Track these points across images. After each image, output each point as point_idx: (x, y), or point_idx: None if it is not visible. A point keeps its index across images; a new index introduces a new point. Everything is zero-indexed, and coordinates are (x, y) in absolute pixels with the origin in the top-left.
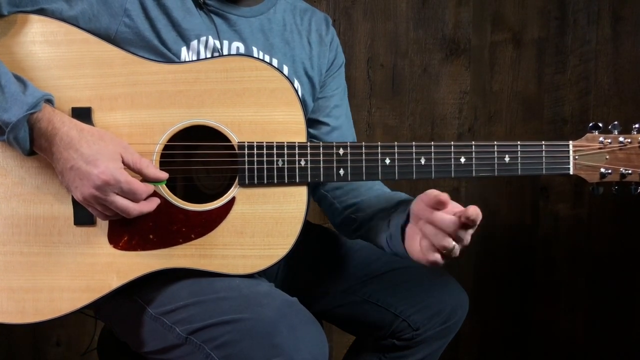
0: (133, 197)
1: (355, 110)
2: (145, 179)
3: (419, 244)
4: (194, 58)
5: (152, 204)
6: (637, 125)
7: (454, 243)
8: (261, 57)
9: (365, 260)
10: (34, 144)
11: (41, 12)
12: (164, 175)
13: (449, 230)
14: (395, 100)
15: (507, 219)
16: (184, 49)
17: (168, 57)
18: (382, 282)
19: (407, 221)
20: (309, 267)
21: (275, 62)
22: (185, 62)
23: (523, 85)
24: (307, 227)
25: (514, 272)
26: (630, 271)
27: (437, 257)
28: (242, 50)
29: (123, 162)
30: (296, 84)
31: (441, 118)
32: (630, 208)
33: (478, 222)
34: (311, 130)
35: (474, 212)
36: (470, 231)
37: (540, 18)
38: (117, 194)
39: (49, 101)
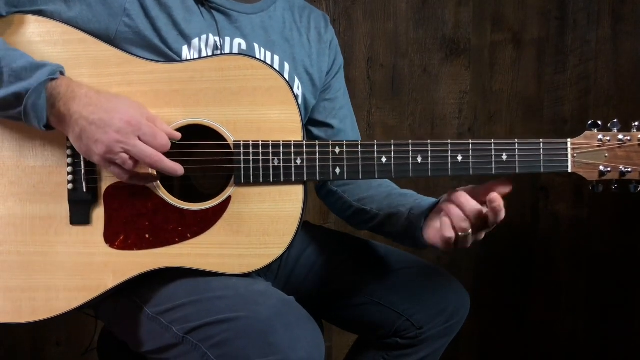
0: (153, 140)
1: (355, 110)
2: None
3: (438, 222)
4: (196, 56)
5: (176, 166)
6: (636, 123)
7: (469, 229)
8: (262, 53)
9: (368, 261)
10: (52, 110)
11: (40, 13)
12: (177, 134)
13: (471, 215)
14: (395, 100)
15: (507, 219)
16: (185, 48)
17: (169, 56)
18: (386, 282)
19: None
20: (311, 268)
21: (276, 59)
22: (181, 61)
23: (523, 85)
24: (308, 229)
25: (514, 272)
26: (630, 271)
27: (452, 235)
28: (243, 46)
29: None
30: (297, 81)
31: (441, 118)
32: (630, 208)
33: (498, 217)
34: (317, 132)
35: (497, 197)
36: (486, 227)
37: (540, 18)
38: (139, 137)
39: (62, 73)
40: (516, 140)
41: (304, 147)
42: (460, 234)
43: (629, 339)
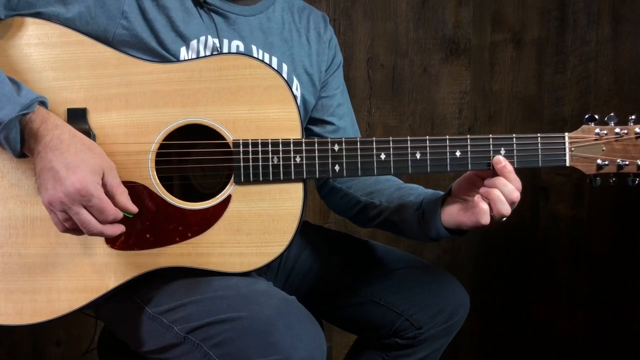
0: (99, 215)
1: (355, 110)
2: (116, 205)
3: (459, 204)
4: (194, 57)
5: (116, 229)
6: (633, 117)
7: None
8: (260, 55)
9: (367, 261)
10: (24, 145)
11: (38, 15)
12: (134, 208)
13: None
14: (395, 100)
15: (507, 219)
16: (183, 49)
17: (167, 58)
18: (385, 281)
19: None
20: (310, 268)
21: (274, 61)
22: (179, 61)
23: (523, 85)
24: (308, 228)
25: (514, 272)
26: (630, 271)
27: (488, 219)
28: (241, 48)
29: (102, 179)
30: (295, 82)
31: (441, 118)
32: (630, 208)
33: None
34: (316, 130)
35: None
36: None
37: (540, 18)
38: (84, 207)
39: (43, 103)
40: (514, 135)
41: (303, 145)
42: (497, 216)
43: (629, 339)
